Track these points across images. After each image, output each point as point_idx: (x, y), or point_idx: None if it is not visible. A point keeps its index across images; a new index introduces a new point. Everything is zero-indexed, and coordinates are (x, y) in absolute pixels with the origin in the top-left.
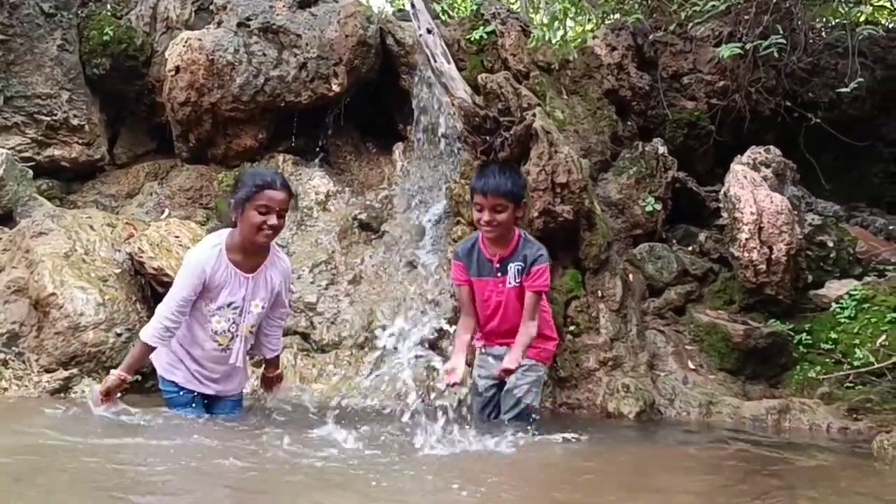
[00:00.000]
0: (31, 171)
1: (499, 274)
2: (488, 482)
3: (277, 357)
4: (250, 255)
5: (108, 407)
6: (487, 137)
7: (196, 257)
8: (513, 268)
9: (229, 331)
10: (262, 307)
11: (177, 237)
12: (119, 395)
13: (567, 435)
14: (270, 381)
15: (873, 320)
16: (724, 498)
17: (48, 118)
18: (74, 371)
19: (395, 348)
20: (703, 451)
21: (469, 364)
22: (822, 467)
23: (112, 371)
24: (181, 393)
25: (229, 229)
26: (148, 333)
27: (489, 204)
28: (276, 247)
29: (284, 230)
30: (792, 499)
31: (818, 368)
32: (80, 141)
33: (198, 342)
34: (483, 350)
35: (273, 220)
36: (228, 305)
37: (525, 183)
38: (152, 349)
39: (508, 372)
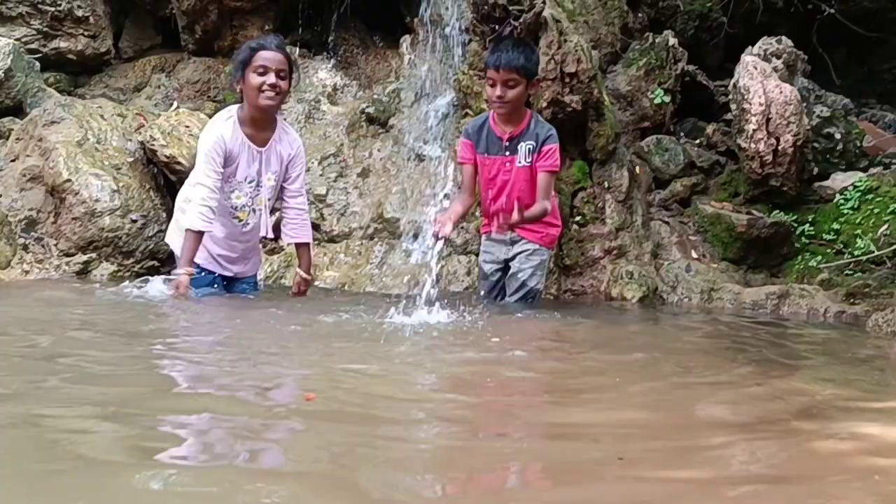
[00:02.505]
0: (38, 64)
1: (507, 153)
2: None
3: (307, 249)
4: (260, 126)
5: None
6: (496, 26)
7: (213, 130)
8: (523, 147)
9: (247, 205)
10: (275, 181)
11: (187, 127)
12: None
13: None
14: (300, 283)
15: (876, 211)
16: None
17: (52, 8)
18: (93, 255)
19: (406, 239)
20: (701, 327)
21: (476, 254)
22: (818, 341)
23: (174, 272)
24: (202, 274)
25: (237, 105)
26: (194, 221)
27: (501, 78)
28: (284, 123)
29: (293, 122)
30: (788, 363)
31: (819, 258)
32: (86, 33)
33: (220, 220)
34: (487, 236)
35: (272, 78)
36: (245, 179)
37: (539, 60)
38: (202, 235)
39: (507, 221)
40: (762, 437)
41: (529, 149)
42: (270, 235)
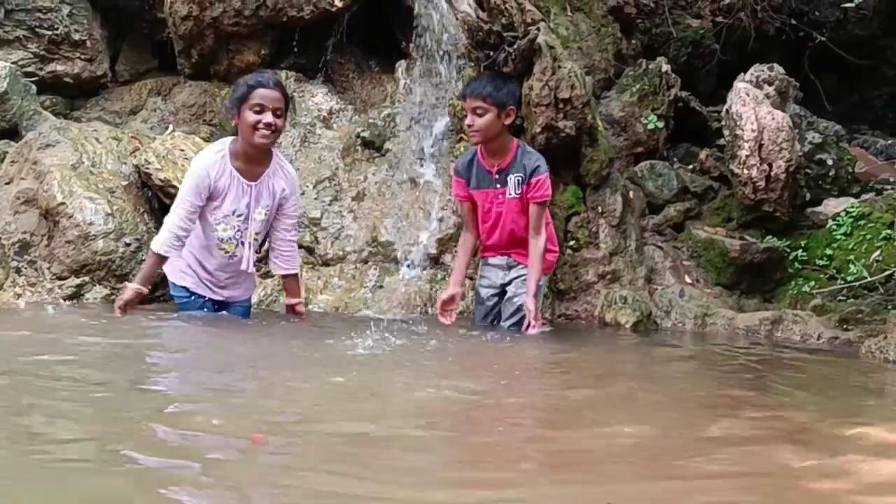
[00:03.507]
0: (34, 87)
1: (498, 185)
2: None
3: (295, 279)
4: (253, 161)
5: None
6: (491, 52)
7: (200, 163)
8: (512, 179)
9: (234, 238)
10: (266, 215)
11: (182, 151)
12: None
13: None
14: (292, 311)
15: (868, 237)
16: (712, 385)
17: (49, 32)
18: (86, 279)
19: (403, 262)
20: (695, 353)
21: (471, 278)
22: (811, 366)
23: (127, 284)
24: (192, 298)
25: (232, 137)
26: (159, 244)
27: (469, 107)
28: (281, 157)
29: (288, 146)
30: (779, 386)
31: (812, 283)
32: (83, 56)
33: (206, 249)
34: (485, 261)
35: (269, 117)
36: (233, 213)
37: (514, 91)
38: (164, 259)
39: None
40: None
41: (518, 180)
42: (251, 270)
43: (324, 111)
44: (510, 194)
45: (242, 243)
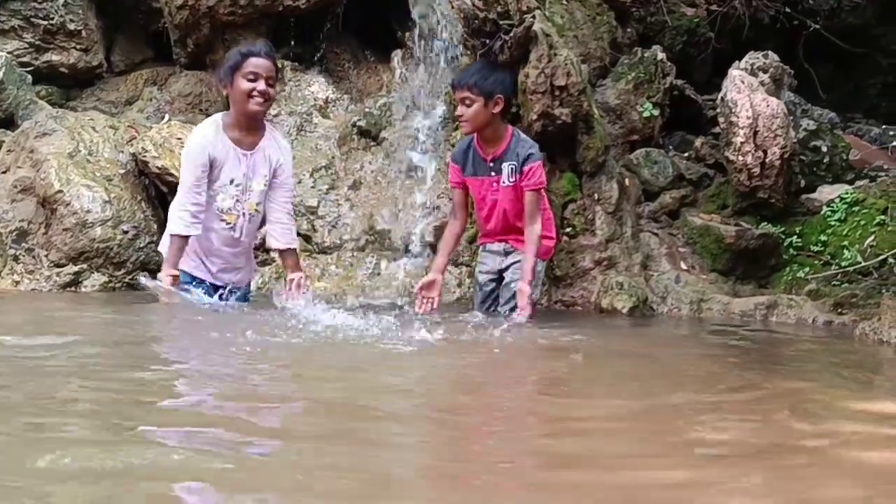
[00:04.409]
0: (30, 77)
1: (493, 173)
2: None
3: (294, 254)
4: (247, 131)
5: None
6: (487, 41)
7: (196, 137)
8: (506, 167)
9: (234, 209)
10: (264, 185)
11: (179, 139)
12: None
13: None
14: (295, 288)
15: (862, 223)
16: (709, 364)
17: (45, 22)
18: (83, 266)
19: (401, 249)
20: (691, 335)
21: (468, 265)
22: (807, 347)
23: (159, 275)
24: (193, 283)
25: (223, 112)
26: (178, 225)
27: (458, 97)
28: (273, 128)
29: (284, 135)
30: (776, 369)
31: (807, 269)
32: (78, 47)
33: (207, 226)
34: (483, 247)
35: (262, 85)
36: (231, 182)
37: (503, 79)
38: (187, 240)
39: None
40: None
41: (512, 168)
42: (244, 239)
43: (320, 100)
44: (504, 182)
45: (242, 214)
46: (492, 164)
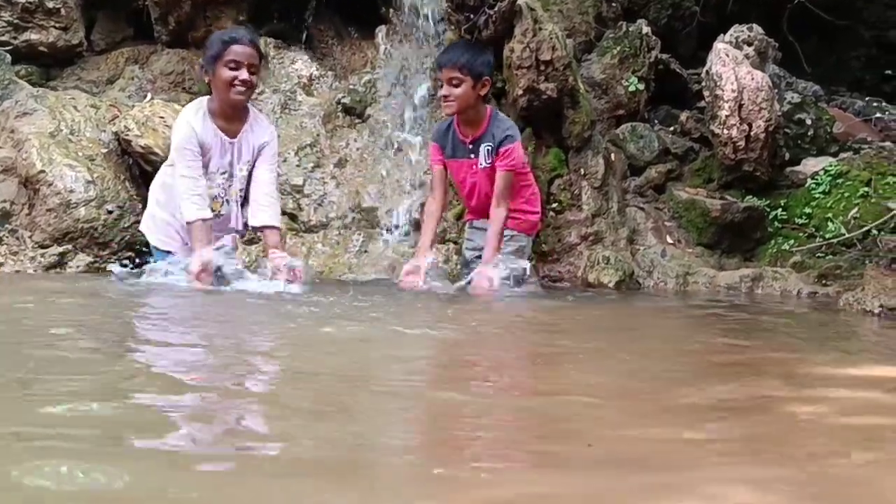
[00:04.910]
0: (8, 56)
1: (472, 155)
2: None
3: (277, 233)
4: (230, 118)
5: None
6: (471, 15)
7: (183, 123)
8: (483, 148)
9: (220, 196)
10: (248, 171)
11: (161, 118)
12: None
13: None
14: (284, 271)
15: (846, 195)
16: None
17: (22, 0)
18: (68, 247)
19: (386, 227)
20: (677, 306)
21: (455, 242)
22: (792, 316)
23: (191, 259)
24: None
25: (207, 97)
26: (190, 213)
27: (445, 77)
28: (257, 111)
29: (269, 113)
30: (760, 336)
31: (791, 242)
32: (57, 25)
33: None
34: (470, 224)
35: (244, 74)
36: (217, 171)
37: (489, 61)
38: (204, 223)
39: (484, 281)
40: (735, 399)
41: (488, 150)
42: (240, 227)
43: (304, 78)
44: (481, 164)
45: (227, 201)
46: (471, 147)
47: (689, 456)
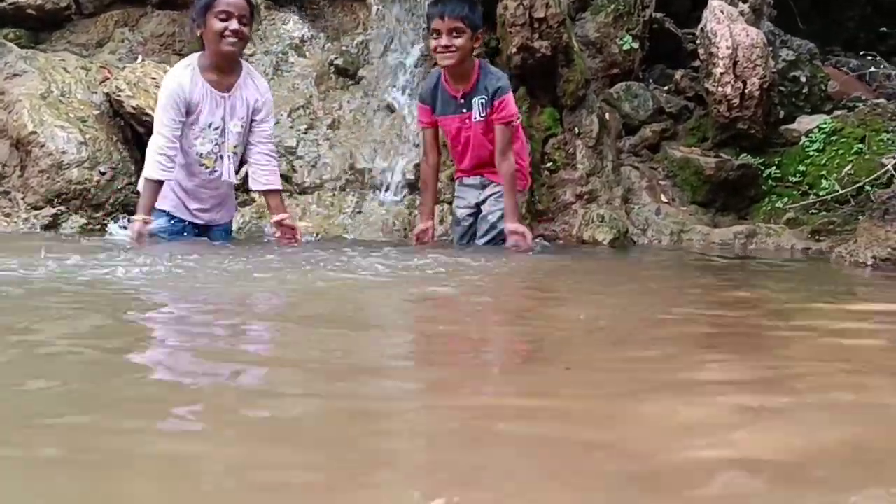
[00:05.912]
0: None
1: (464, 110)
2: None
3: (278, 195)
4: (223, 71)
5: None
6: None
7: (171, 78)
8: (476, 102)
9: (213, 152)
10: (242, 127)
11: (153, 79)
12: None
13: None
14: (284, 231)
15: (840, 152)
16: (687, 282)
17: None
18: (62, 208)
19: (381, 186)
20: (672, 258)
21: (448, 203)
22: (785, 268)
23: (132, 217)
24: (172, 222)
25: (198, 53)
26: (151, 169)
27: (446, 27)
28: (250, 67)
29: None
30: (754, 283)
31: (785, 199)
32: None
33: (186, 169)
34: (460, 181)
35: (235, 24)
36: (209, 126)
37: (480, 14)
38: (161, 184)
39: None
40: (731, 331)
41: (482, 103)
42: (233, 180)
43: (296, 39)
44: (475, 118)
45: (221, 157)
46: (462, 101)
47: (671, 364)
